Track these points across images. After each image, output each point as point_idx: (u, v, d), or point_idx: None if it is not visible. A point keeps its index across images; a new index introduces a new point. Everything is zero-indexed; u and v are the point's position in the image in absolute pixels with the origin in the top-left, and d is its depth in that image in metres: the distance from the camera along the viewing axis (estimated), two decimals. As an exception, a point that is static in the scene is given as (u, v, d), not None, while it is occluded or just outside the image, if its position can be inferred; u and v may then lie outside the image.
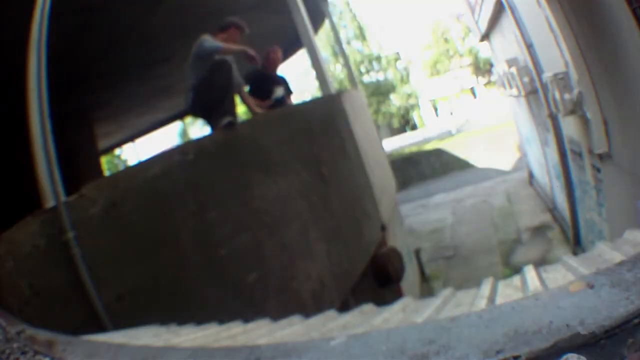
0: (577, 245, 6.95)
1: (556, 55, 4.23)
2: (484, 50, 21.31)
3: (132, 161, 18.91)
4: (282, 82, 5.21)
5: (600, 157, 4.11)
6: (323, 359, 0.66)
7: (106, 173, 11.37)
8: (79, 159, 6.73)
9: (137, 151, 15.45)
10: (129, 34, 5.45)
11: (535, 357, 0.53)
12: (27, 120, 2.50)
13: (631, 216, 3.57)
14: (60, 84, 3.80)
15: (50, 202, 2.42)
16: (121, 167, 20.30)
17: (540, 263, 5.90)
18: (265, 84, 5.06)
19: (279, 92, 5.02)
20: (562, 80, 4.24)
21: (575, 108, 4.12)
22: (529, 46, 6.01)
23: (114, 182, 2.93)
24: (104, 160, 13.75)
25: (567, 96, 4.16)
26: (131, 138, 13.26)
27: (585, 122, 4.24)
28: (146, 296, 2.65)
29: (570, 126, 5.21)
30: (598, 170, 4.54)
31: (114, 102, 8.18)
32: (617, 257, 1.42)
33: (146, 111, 10.12)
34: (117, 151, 18.68)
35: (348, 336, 0.70)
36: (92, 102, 7.56)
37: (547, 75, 4.80)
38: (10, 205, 3.13)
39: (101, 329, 2.32)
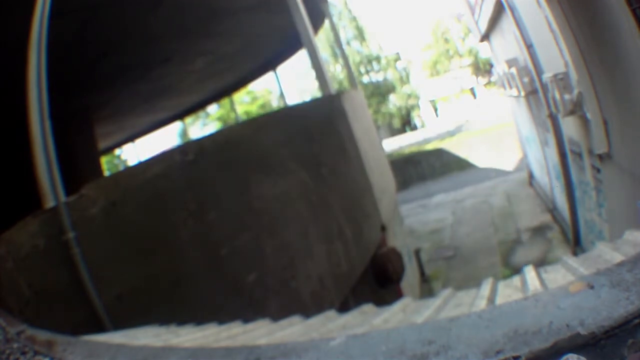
0: (577, 245, 6.95)
1: (556, 55, 4.22)
2: (484, 51, 21.31)
3: (132, 161, 18.93)
4: None
5: (600, 157, 4.11)
6: (323, 359, 0.66)
7: (106, 173, 11.37)
8: (79, 159, 6.72)
9: (137, 151, 15.46)
10: (130, 34, 5.45)
11: (535, 357, 0.53)
12: (27, 120, 2.50)
13: (631, 216, 3.56)
14: (61, 84, 3.79)
15: (50, 202, 2.42)
16: (121, 167, 20.30)
17: (540, 263, 5.91)
18: None
19: None
20: (562, 80, 4.24)
21: (575, 108, 4.11)
22: (529, 46, 6.01)
23: (114, 182, 2.92)
24: (104, 160, 13.75)
25: (567, 96, 4.16)
26: (131, 138, 13.27)
27: (585, 122, 4.24)
28: (146, 296, 2.64)
29: (570, 126, 5.21)
30: (598, 170, 4.54)
31: (114, 102, 8.18)
32: (617, 257, 1.42)
33: (146, 111, 10.12)
34: (117, 151, 18.69)
35: (348, 336, 0.70)
36: (92, 102, 7.55)
37: (547, 75, 4.80)
38: (10, 205, 3.13)
39: (101, 329, 2.32)
